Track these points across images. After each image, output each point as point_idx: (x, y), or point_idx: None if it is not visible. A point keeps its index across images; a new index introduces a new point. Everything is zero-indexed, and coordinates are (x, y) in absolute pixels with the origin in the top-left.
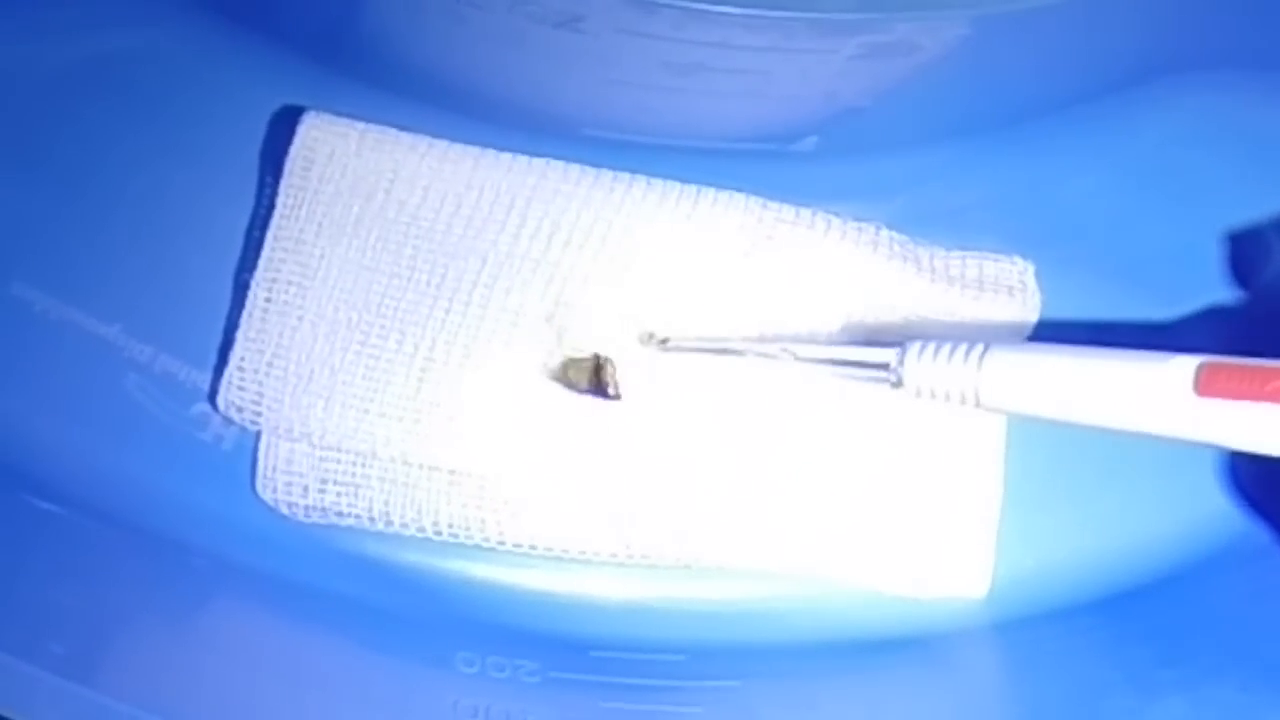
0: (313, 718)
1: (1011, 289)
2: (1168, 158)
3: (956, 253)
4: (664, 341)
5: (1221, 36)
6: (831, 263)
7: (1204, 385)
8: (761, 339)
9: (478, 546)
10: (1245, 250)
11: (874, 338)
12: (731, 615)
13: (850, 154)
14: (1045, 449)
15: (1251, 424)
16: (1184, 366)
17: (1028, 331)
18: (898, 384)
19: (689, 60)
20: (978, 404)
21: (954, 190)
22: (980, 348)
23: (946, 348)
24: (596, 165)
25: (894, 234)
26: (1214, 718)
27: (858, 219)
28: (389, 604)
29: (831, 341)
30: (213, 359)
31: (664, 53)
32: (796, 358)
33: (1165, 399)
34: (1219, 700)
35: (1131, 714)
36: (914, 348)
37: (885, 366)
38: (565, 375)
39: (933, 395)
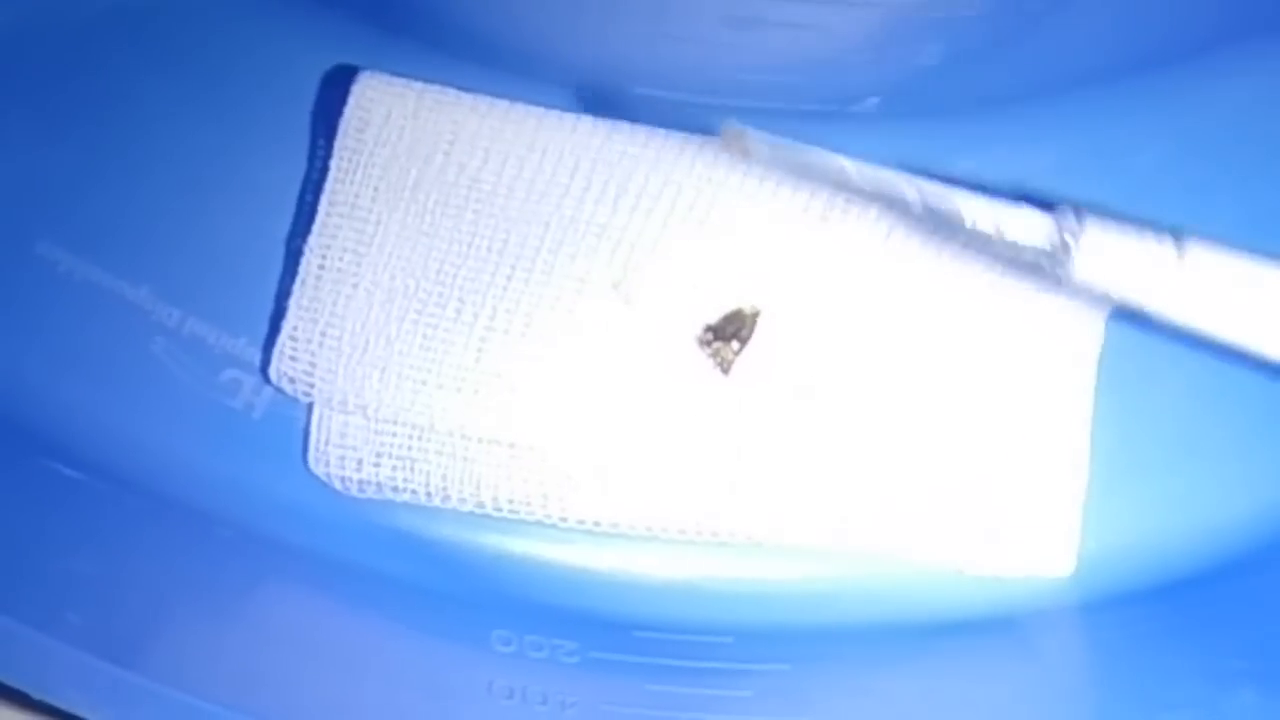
0: (338, 695)
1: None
2: (1244, 127)
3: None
4: (739, 136)
5: None
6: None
7: None
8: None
9: (519, 520)
10: None
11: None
12: (783, 595)
13: (913, 116)
14: (1129, 422)
15: None
16: None
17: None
18: (1065, 260)
19: (747, 14)
20: (1164, 310)
21: (1020, 157)
22: (1168, 235)
23: (1132, 228)
24: (647, 124)
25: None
26: None
27: None
28: (420, 578)
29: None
30: (245, 324)
31: (721, 5)
32: (927, 206)
33: None
34: None
35: (1203, 704)
36: (1093, 222)
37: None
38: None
39: (1107, 291)
